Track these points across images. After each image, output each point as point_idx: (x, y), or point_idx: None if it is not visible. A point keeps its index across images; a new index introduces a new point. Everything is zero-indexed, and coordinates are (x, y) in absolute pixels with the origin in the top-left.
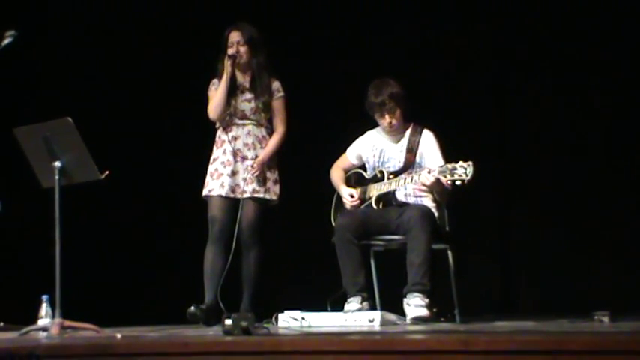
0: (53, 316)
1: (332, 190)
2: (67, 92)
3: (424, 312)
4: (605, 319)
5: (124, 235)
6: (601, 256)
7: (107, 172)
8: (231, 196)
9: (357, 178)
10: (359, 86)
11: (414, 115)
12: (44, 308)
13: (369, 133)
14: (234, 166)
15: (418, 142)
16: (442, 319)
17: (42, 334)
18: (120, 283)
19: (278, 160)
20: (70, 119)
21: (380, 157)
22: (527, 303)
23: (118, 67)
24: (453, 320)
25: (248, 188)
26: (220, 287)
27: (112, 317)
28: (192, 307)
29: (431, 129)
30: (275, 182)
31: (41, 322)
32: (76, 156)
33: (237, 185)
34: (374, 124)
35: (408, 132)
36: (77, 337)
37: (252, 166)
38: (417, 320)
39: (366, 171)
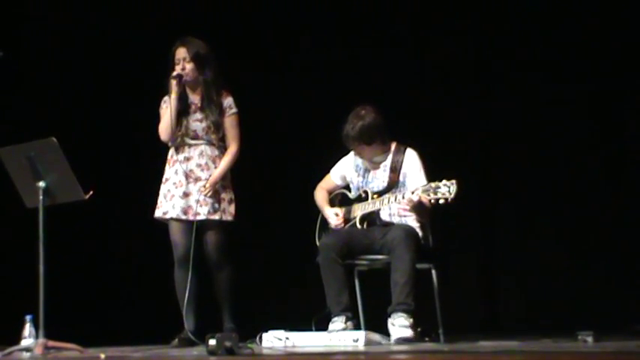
0: (37, 337)
1: (317, 209)
2: (45, 111)
3: (408, 333)
4: (589, 339)
5: (108, 256)
6: (586, 276)
7: (91, 192)
8: (183, 217)
9: (341, 198)
10: (343, 105)
11: (397, 133)
12: (27, 328)
13: (352, 153)
14: (187, 187)
15: (401, 162)
16: (426, 338)
17: (25, 355)
18: (104, 303)
19: (232, 179)
20: (54, 139)
21: (364, 177)
22: (511, 322)
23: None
24: (437, 340)
25: (202, 210)
26: (195, 313)
27: (96, 337)
28: (176, 341)
29: (414, 148)
30: (230, 202)
31: (24, 343)
32: (60, 176)
33: (190, 207)
34: None
35: (391, 151)
36: (61, 358)
37: (203, 186)
38: (401, 341)
39: (350, 192)
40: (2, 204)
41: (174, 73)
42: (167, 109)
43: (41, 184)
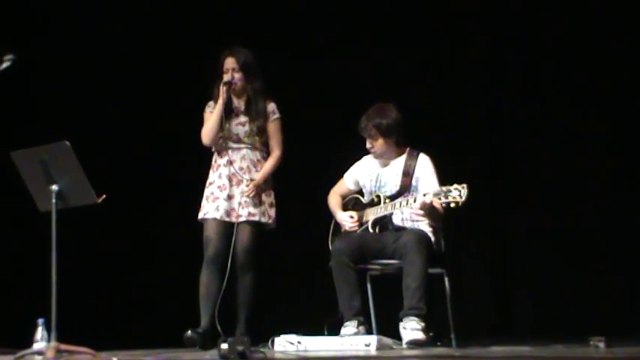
0: (49, 340)
1: (330, 213)
2: (63, 115)
3: (420, 335)
4: (601, 344)
5: (120, 259)
6: (598, 282)
7: (104, 196)
8: (227, 219)
9: (354, 203)
10: (357, 110)
11: (409, 137)
12: (40, 332)
13: (365, 158)
14: (230, 189)
15: (414, 166)
16: (438, 343)
17: (37, 358)
18: (116, 306)
19: (274, 183)
20: (67, 142)
21: (376, 182)
22: (523, 328)
23: (114, 89)
24: (449, 345)
25: (244, 212)
26: (217, 310)
27: (108, 341)
28: (189, 332)
29: (427, 153)
30: (271, 205)
31: (37, 346)
32: (73, 179)
33: (233, 209)
34: None
35: (404, 156)
36: None
37: (246, 186)
38: (413, 344)
39: (363, 196)
40: (15, 207)
41: (225, 80)
42: (211, 113)
43: (54, 187)
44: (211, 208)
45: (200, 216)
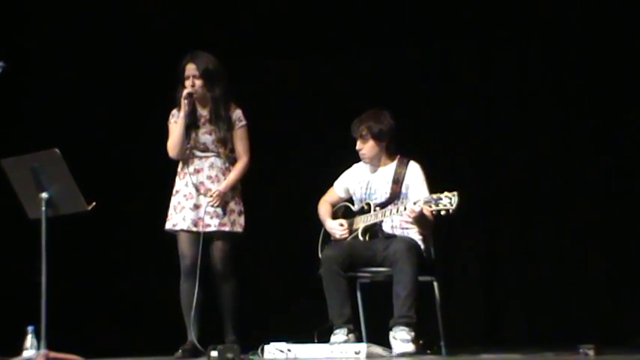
0: (38, 348)
1: (319, 221)
2: (42, 125)
3: (410, 347)
4: (591, 352)
5: (109, 267)
6: (588, 289)
7: (94, 204)
8: (194, 229)
9: (344, 211)
10: (347, 119)
11: (399, 144)
12: (29, 339)
13: (355, 166)
14: (197, 199)
15: (404, 174)
16: (428, 351)
17: None
18: (106, 314)
19: (242, 191)
20: (57, 150)
21: (366, 189)
22: (513, 334)
23: (85, 96)
24: (439, 353)
25: (213, 221)
26: (198, 324)
27: (98, 349)
28: (179, 352)
29: (417, 161)
30: (240, 214)
31: (26, 354)
32: (63, 187)
33: (201, 219)
34: None
35: (394, 164)
36: None
37: (211, 195)
38: (403, 356)
39: (353, 205)
40: (5, 215)
41: (185, 92)
42: (175, 124)
43: (44, 195)
44: (179, 218)
45: (167, 226)
